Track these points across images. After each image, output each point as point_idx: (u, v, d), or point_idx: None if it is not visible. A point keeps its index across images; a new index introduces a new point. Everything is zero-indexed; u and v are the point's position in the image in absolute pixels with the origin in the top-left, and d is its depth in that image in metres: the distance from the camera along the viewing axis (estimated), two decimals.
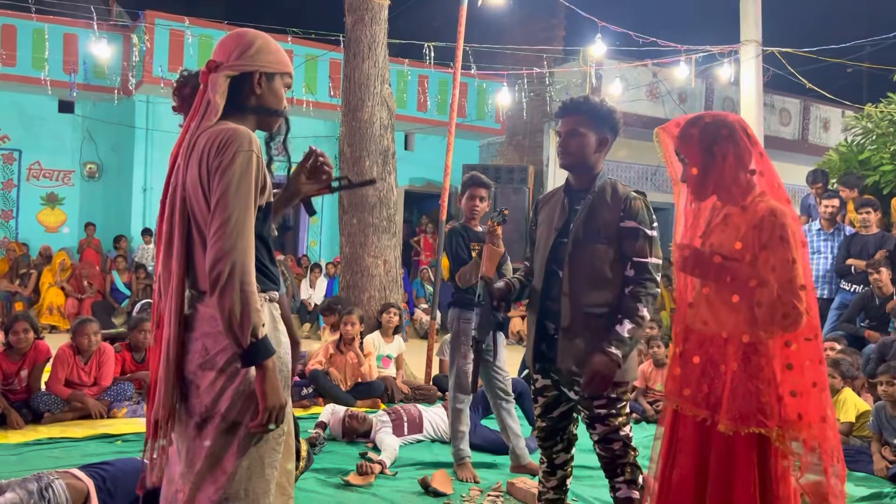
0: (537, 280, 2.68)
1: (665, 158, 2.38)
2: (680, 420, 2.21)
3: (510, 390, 4.07)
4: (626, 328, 2.46)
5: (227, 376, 1.83)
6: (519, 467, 4.04)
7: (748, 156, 2.21)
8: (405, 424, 4.58)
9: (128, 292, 10.11)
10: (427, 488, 3.65)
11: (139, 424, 4.83)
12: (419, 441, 4.63)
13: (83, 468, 3.02)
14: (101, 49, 9.58)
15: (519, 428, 4.06)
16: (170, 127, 10.91)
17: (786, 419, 2.03)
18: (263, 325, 1.79)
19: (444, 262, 10.95)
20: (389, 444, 4.23)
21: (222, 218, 1.76)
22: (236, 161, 1.79)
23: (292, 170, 2.15)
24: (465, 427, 3.98)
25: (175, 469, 1.91)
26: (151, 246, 10.48)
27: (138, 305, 7.62)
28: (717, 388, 2.10)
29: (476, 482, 3.84)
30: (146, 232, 10.75)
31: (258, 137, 1.91)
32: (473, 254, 3.88)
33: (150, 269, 10.36)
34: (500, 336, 3.96)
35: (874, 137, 8.12)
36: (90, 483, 2.90)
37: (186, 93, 2.43)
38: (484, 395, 4.74)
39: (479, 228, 3.97)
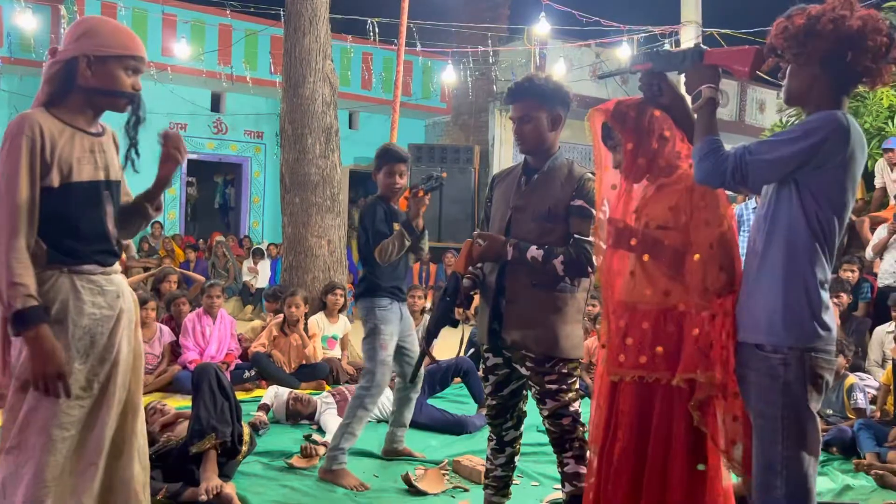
0: None
1: (593, 141, 2.39)
2: (620, 393, 2.23)
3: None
4: (534, 252, 2.49)
5: (20, 340, 1.98)
6: (391, 451, 3.92)
7: (678, 137, 2.26)
8: None
9: None
10: (411, 486, 3.44)
11: None
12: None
13: None
14: (26, 20, 9.13)
15: (408, 420, 3.91)
16: None
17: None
18: (28, 297, 1.91)
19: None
20: (334, 425, 4.18)
21: None
22: (5, 147, 1.97)
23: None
24: (360, 430, 3.60)
25: None
26: None
27: None
28: (670, 348, 2.13)
29: (364, 488, 3.43)
30: None
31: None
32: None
33: None
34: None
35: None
36: None
37: None
38: (430, 375, 4.73)
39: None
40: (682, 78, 2.17)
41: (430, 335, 2.77)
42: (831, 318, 1.94)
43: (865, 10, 1.90)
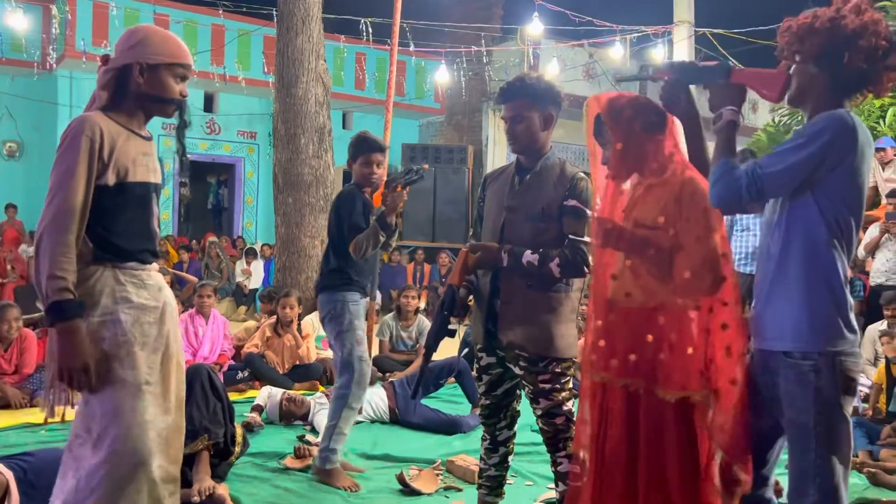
0: None
1: (587, 130, 2.37)
2: (608, 392, 2.23)
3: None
4: (529, 256, 2.49)
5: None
6: (321, 471, 3.49)
7: (671, 142, 2.24)
8: None
9: None
10: (405, 486, 3.42)
11: (64, 412, 4.64)
12: (358, 423, 4.58)
13: (1, 460, 2.88)
14: (17, 20, 9.08)
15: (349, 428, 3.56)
16: None
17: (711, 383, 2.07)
18: (66, 291, 1.94)
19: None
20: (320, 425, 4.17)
21: (47, 194, 2.00)
22: (65, 143, 2.02)
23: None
24: (349, 429, 3.50)
25: None
26: None
27: None
28: (646, 356, 2.12)
29: (357, 489, 3.37)
30: None
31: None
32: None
33: None
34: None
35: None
36: (9, 475, 2.77)
37: None
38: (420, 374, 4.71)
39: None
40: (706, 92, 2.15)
41: (429, 350, 2.76)
42: (854, 318, 1.94)
43: (871, 14, 1.90)
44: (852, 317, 1.92)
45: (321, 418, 4.21)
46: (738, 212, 2.02)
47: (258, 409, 4.49)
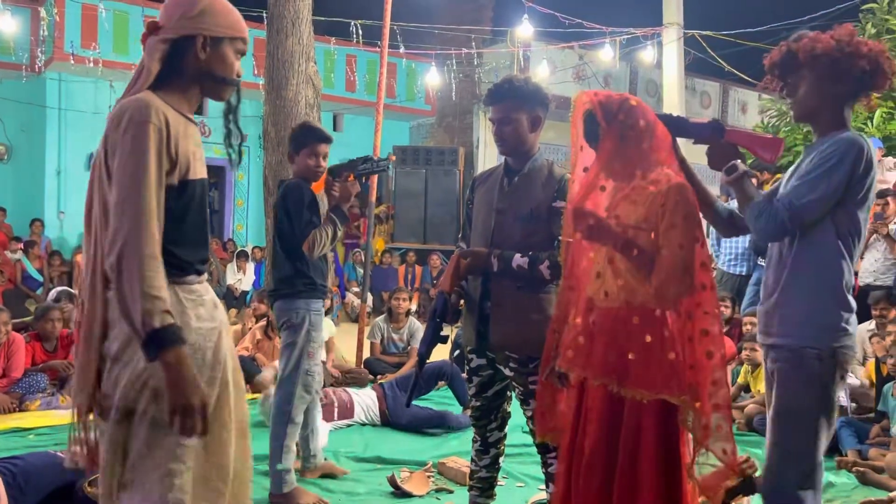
0: None
1: (572, 121, 2.35)
2: (588, 390, 2.24)
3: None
4: (519, 260, 2.50)
5: (121, 364, 1.71)
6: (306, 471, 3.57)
7: (659, 146, 2.23)
8: (335, 409, 4.51)
9: (41, 278, 9.64)
10: (397, 488, 3.42)
11: (54, 417, 4.62)
12: (349, 426, 4.58)
13: None
14: (5, 23, 9.02)
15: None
16: (84, 106, 10.41)
17: (691, 388, 2.09)
18: (165, 313, 1.63)
19: (378, 244, 10.89)
20: (320, 428, 4.16)
21: (115, 197, 1.65)
22: (129, 135, 1.65)
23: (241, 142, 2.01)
24: (294, 443, 3.34)
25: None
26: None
27: (53, 293, 7.26)
28: (624, 356, 2.13)
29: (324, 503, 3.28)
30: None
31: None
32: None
33: (66, 256, 9.92)
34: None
35: (788, 119, 8.44)
36: None
37: None
38: (414, 375, 4.70)
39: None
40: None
41: (422, 359, 2.76)
42: (854, 317, 2.14)
43: (868, 44, 2.12)
44: (853, 318, 2.13)
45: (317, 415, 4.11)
46: (779, 241, 2.18)
47: None
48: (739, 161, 2.20)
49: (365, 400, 4.68)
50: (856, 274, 6.28)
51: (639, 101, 2.25)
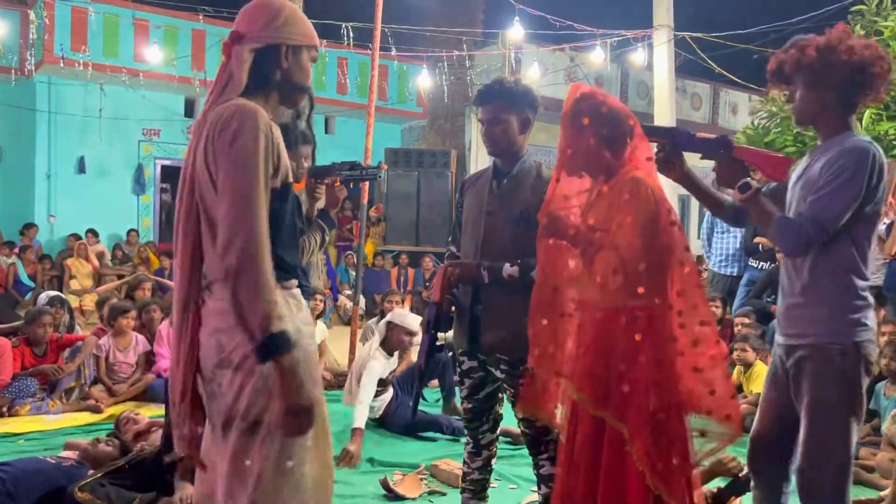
0: None
1: (563, 112, 2.34)
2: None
3: None
4: (510, 269, 2.51)
5: (244, 373, 1.71)
6: None
7: (633, 150, 2.23)
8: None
9: (32, 284, 9.58)
10: (389, 491, 3.42)
11: (44, 422, 4.59)
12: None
13: None
14: None
15: None
16: (74, 109, 10.37)
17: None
18: (280, 318, 1.66)
19: (370, 247, 10.87)
20: None
21: (228, 202, 1.66)
22: (240, 139, 1.68)
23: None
24: None
25: (212, 477, 1.80)
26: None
27: (43, 296, 7.22)
28: (584, 361, 2.18)
29: None
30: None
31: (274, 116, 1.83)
32: None
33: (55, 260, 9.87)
34: None
35: (778, 121, 8.46)
36: None
37: None
38: (410, 374, 4.68)
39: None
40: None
41: (421, 374, 2.76)
42: (872, 312, 2.20)
43: (864, 41, 2.17)
44: (871, 313, 2.20)
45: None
46: (805, 255, 2.21)
47: None
48: (750, 180, 2.22)
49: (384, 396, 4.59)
50: None
51: (616, 101, 2.26)
